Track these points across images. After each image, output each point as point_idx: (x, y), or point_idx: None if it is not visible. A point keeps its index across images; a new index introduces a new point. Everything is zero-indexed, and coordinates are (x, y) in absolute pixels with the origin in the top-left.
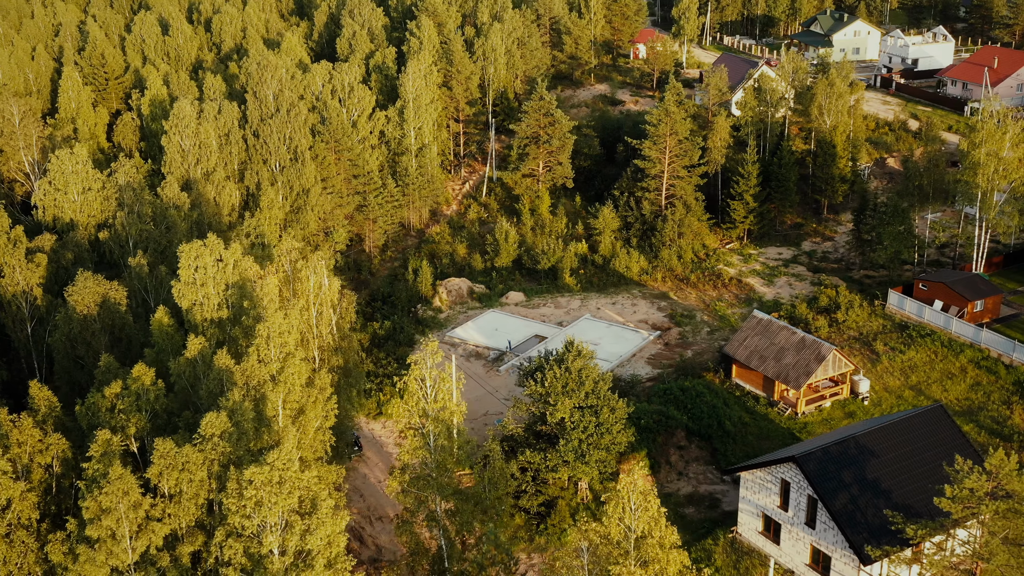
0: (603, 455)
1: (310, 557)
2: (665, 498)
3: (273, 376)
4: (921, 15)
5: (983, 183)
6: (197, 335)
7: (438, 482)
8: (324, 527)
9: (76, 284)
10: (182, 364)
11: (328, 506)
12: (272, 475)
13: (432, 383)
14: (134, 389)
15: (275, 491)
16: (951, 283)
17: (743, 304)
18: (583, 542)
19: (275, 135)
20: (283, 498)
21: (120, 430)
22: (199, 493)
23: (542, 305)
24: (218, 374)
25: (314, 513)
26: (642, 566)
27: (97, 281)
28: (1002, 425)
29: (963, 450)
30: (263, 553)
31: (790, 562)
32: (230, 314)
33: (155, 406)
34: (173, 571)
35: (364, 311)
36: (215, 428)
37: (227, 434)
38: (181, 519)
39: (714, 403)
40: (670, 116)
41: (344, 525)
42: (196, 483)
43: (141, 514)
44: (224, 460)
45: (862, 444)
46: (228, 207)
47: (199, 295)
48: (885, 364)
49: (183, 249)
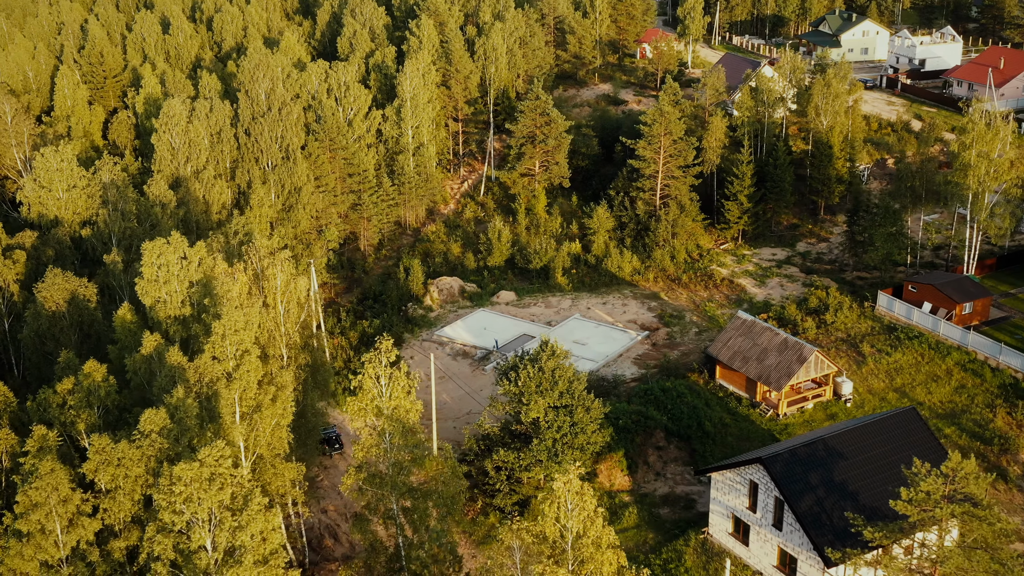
0: (578, 455)
1: (240, 553)
2: (641, 498)
3: (228, 373)
4: (933, 15)
5: (973, 184)
6: (160, 332)
7: (393, 480)
8: (255, 523)
9: (45, 281)
10: (137, 361)
11: (260, 503)
12: (202, 471)
13: (387, 381)
14: (86, 385)
15: (204, 487)
16: (940, 285)
17: (733, 305)
18: (514, 541)
19: (267, 133)
20: (213, 494)
21: (70, 425)
22: (135, 489)
23: (533, 305)
24: (170, 371)
25: (245, 509)
26: (579, 565)
27: (67, 278)
28: (984, 428)
29: (935, 453)
30: (192, 549)
31: (758, 563)
32: (193, 312)
33: (106, 402)
34: (103, 566)
35: (355, 309)
36: (154, 424)
37: (166, 430)
38: (116, 514)
39: (695, 404)
40: (664, 116)
41: (278, 522)
42: (132, 479)
43: (72, 509)
44: (162, 456)
45: (831, 446)
46: (218, 205)
47: (162, 292)
48: (871, 366)
49: (146, 246)
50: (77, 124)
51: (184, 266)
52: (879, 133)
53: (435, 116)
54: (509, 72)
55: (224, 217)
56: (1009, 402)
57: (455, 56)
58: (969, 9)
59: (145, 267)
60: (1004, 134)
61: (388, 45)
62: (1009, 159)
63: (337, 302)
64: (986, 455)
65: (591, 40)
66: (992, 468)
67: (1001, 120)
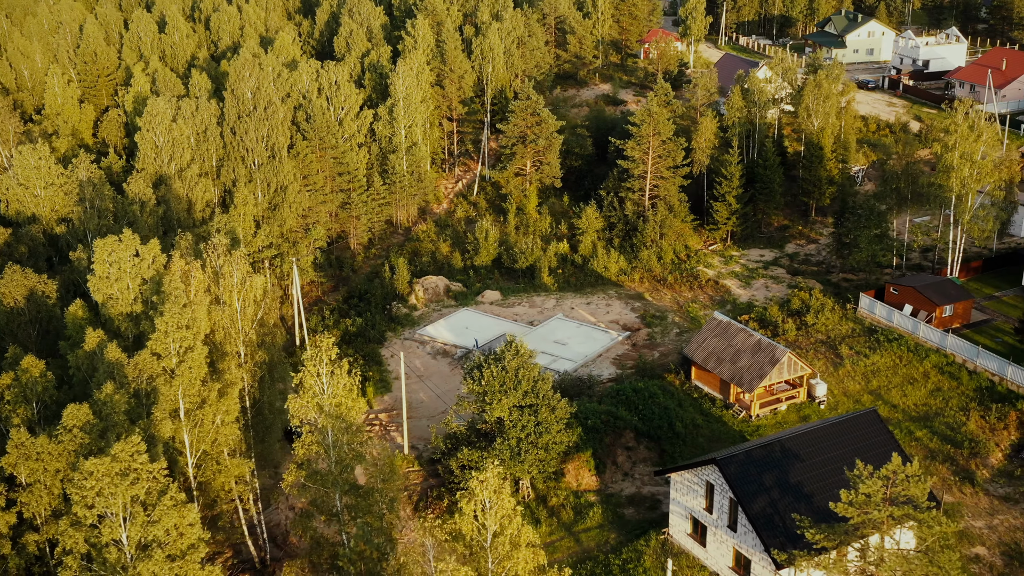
0: (542, 454)
1: (152, 548)
2: (607, 498)
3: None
4: (943, 16)
5: (956, 186)
6: (111, 329)
7: (334, 477)
8: (168, 518)
9: (4, 277)
10: (80, 356)
11: (176, 498)
12: (114, 466)
13: (327, 378)
14: (24, 381)
15: (116, 482)
16: (920, 287)
17: (717, 306)
18: (427, 538)
19: (252, 132)
20: (124, 488)
21: (5, 420)
22: (54, 483)
23: (517, 304)
24: (108, 367)
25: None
26: (498, 564)
27: (26, 275)
28: (956, 432)
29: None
30: (103, 543)
31: (715, 565)
32: (144, 309)
33: (44, 397)
34: (16, 559)
35: (340, 308)
36: (76, 420)
37: (90, 426)
38: (34, 508)
39: (667, 404)
40: (653, 116)
41: (193, 517)
42: (51, 473)
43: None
44: (84, 451)
45: (787, 447)
46: (201, 203)
47: (113, 289)
48: (848, 368)
49: (97, 244)
50: (65, 122)
51: (136, 263)
52: (877, 134)
53: (429, 116)
54: (507, 72)
55: (207, 215)
56: (983, 405)
57: (449, 56)
58: (979, 10)
59: (96, 264)
60: (987, 136)
61: (384, 45)
62: (992, 161)
63: (324, 300)
64: (955, 458)
65: (591, 40)
66: (960, 471)
67: (984, 122)
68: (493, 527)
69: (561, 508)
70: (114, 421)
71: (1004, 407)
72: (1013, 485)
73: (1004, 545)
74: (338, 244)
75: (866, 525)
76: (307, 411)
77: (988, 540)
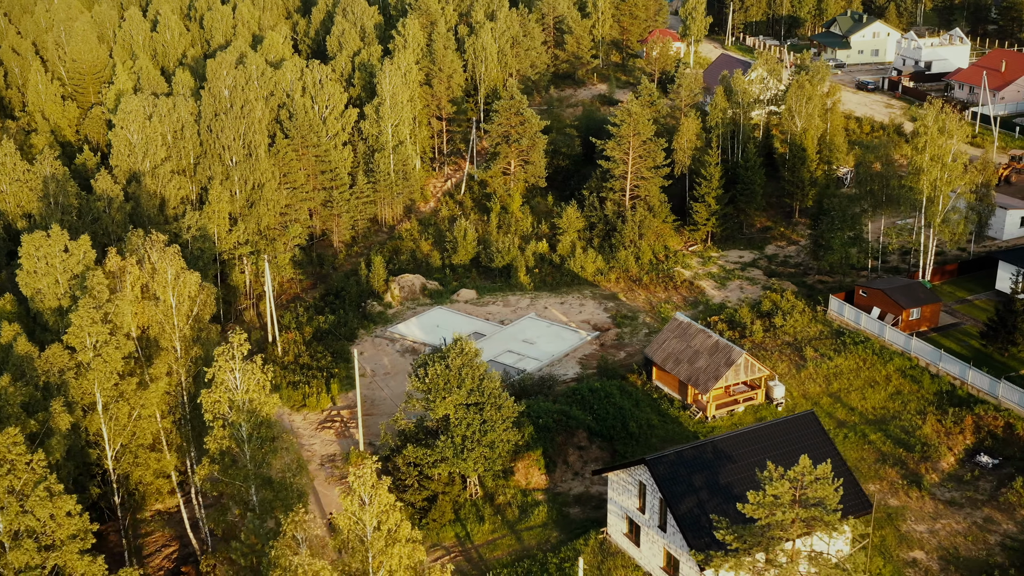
0: (487, 452)
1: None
2: (554, 497)
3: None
4: (952, 17)
5: (927, 189)
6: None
7: (246, 471)
8: (42, 508)
9: None
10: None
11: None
12: None
13: (241, 374)
14: None
15: None
16: (888, 290)
17: (690, 307)
18: (299, 532)
19: (228, 130)
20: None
21: None
22: None
23: (491, 303)
24: (17, 360)
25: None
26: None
27: None
28: (910, 435)
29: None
30: None
31: (648, 565)
32: (71, 304)
33: None
34: None
35: (316, 305)
36: None
37: None
38: None
39: (622, 405)
40: (633, 116)
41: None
42: None
43: None
44: None
45: (720, 448)
46: (175, 201)
47: (42, 284)
48: (810, 370)
49: (25, 239)
50: (45, 119)
51: (64, 259)
52: (871, 136)
53: (416, 114)
54: (501, 72)
55: (180, 212)
56: (941, 409)
57: (438, 55)
58: (988, 11)
59: (24, 259)
60: (958, 138)
61: (376, 44)
62: (963, 163)
63: (302, 297)
64: (906, 462)
65: (590, 40)
66: (909, 475)
67: (955, 123)
68: (372, 522)
69: (507, 506)
70: (8, 413)
71: (961, 411)
72: (960, 490)
73: (943, 550)
74: (321, 242)
75: (773, 527)
76: (220, 406)
77: (927, 544)
